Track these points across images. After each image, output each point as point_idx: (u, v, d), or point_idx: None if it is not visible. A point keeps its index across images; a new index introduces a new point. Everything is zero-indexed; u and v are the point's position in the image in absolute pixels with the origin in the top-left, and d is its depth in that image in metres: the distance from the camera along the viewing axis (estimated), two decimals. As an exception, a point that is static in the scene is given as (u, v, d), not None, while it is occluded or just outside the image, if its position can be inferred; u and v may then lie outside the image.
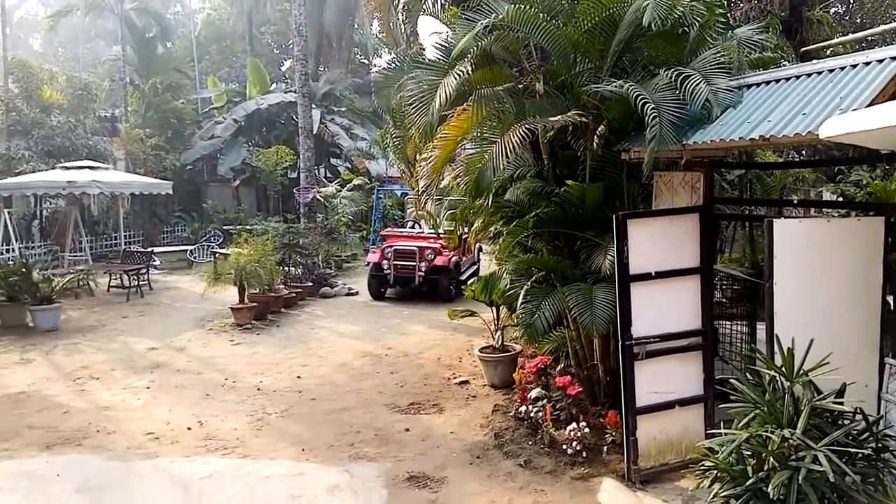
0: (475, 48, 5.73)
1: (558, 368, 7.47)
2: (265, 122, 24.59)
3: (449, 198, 8.65)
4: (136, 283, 14.20)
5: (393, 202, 22.14)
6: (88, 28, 30.84)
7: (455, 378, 8.43)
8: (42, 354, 9.60)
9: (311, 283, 14.48)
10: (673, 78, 5.39)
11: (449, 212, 8.59)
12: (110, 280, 14.57)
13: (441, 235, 10.35)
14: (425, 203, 8.01)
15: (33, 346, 9.98)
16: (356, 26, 29.48)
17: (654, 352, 5.48)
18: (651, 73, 5.88)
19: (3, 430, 6.69)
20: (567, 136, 6.33)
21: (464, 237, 11.03)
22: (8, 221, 15.87)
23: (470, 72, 5.73)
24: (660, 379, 5.54)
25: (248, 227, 16.96)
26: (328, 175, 24.75)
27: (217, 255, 15.43)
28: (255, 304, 11.67)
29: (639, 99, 5.17)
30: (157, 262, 17.09)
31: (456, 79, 5.56)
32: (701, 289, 5.66)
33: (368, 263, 14.60)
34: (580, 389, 6.46)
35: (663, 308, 5.56)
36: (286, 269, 14.06)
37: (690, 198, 5.89)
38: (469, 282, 9.75)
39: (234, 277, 11.46)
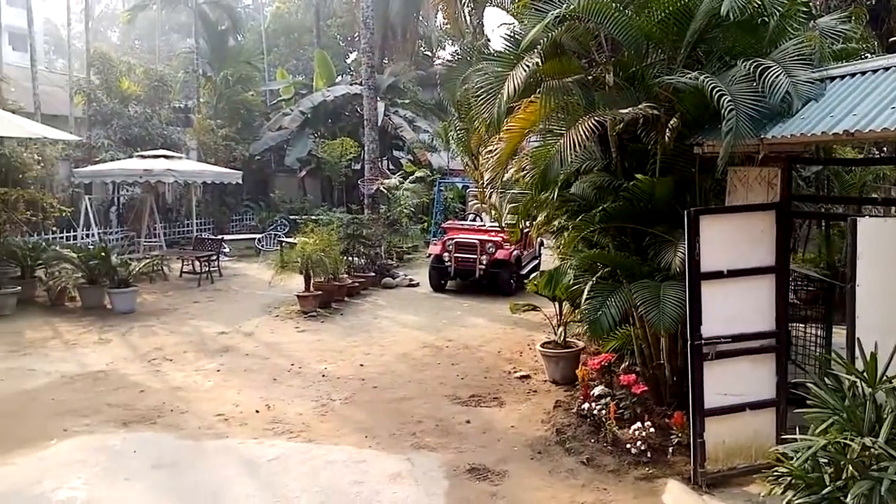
0: (545, 39, 5.66)
1: (622, 366, 7.35)
2: (331, 114, 25.01)
3: (512, 191, 8.61)
4: (207, 269, 14.71)
5: (454, 195, 22.20)
6: (164, 21, 31.91)
7: (516, 372, 8.41)
8: (119, 335, 10.06)
9: (373, 274, 14.68)
10: (751, 69, 5.21)
11: (511, 205, 8.55)
12: (183, 266, 15.14)
13: (503, 229, 10.30)
14: (490, 196, 7.99)
15: (111, 328, 10.46)
16: (421, 18, 29.58)
17: (725, 352, 5.33)
18: (727, 65, 5.70)
19: (84, 406, 7.06)
20: (637, 129, 6.19)
21: (525, 231, 10.95)
22: (89, 207, 16.66)
23: (539, 63, 5.67)
24: (729, 381, 5.38)
25: (313, 216, 17.33)
26: (391, 167, 25.00)
27: (283, 243, 15.84)
28: (319, 292, 11.92)
29: (715, 91, 5.01)
30: (227, 250, 17.63)
31: (525, 70, 5.52)
32: (775, 289, 5.46)
33: (429, 255, 14.70)
34: (645, 388, 6.35)
35: (735, 308, 5.40)
36: (350, 258, 14.29)
37: (766, 194, 5.68)
38: (531, 276, 9.67)
39: (300, 266, 11.72)
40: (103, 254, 11.86)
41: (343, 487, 5.30)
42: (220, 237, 17.47)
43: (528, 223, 8.93)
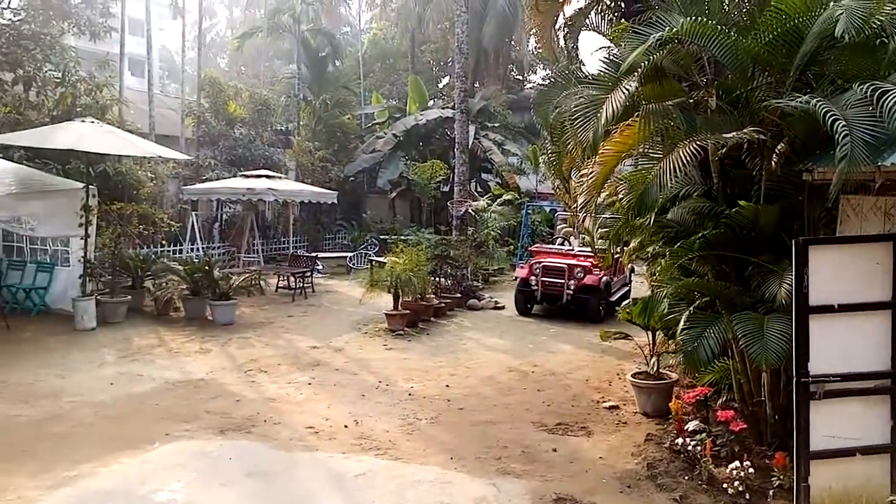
0: (645, 62, 5.57)
1: (719, 402, 7.03)
2: (422, 137, 25.52)
3: (603, 216, 8.46)
4: (301, 285, 15.23)
5: (542, 218, 22.04)
6: (268, 48, 33.68)
7: (604, 402, 8.19)
8: (218, 345, 10.54)
9: (459, 295, 14.75)
10: (867, 93, 4.92)
11: (602, 230, 8.40)
12: (278, 281, 15.75)
13: (594, 254, 10.13)
14: (583, 220, 7.89)
15: (211, 338, 10.98)
16: (513, 43, 29.83)
17: (834, 392, 5.01)
18: (839, 88, 5.42)
19: (185, 412, 7.42)
20: (741, 154, 5.97)
21: (616, 257, 10.72)
22: (195, 223, 17.65)
23: (638, 86, 5.58)
24: (838, 422, 5.05)
25: (402, 237, 17.65)
26: (479, 189, 25.16)
27: (374, 262, 16.19)
28: (407, 311, 12.09)
29: (827, 115, 4.76)
30: (320, 267, 18.18)
31: (624, 93, 5.45)
32: (892, 326, 5.09)
33: (516, 278, 14.62)
34: (744, 426, 6.03)
35: (846, 345, 5.08)
36: (437, 279, 14.43)
37: (883, 224, 5.34)
38: (623, 304, 9.44)
39: (389, 285, 11.93)
40: (207, 267, 12.50)
41: (428, 508, 5.30)
42: (314, 254, 18.07)
43: (619, 249, 8.75)
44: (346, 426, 7.07)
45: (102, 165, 13.27)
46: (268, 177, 17.29)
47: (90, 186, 11.33)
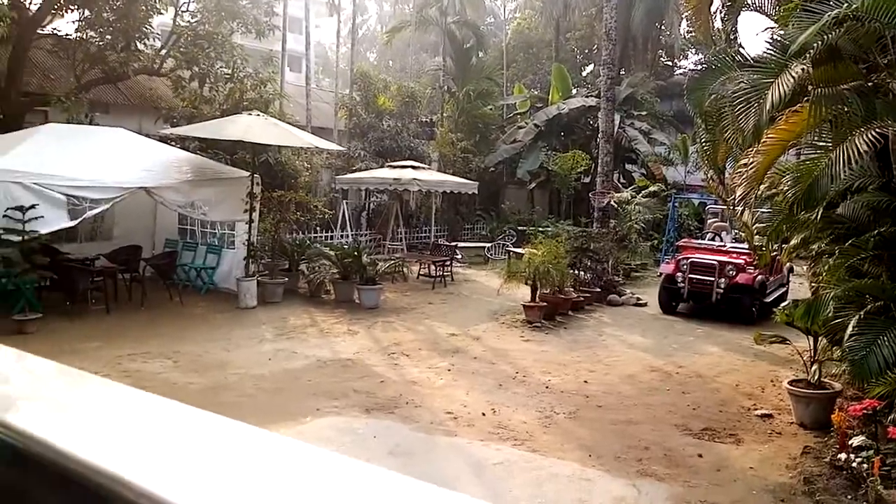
0: (818, 43, 5.12)
1: (890, 417, 6.36)
2: (564, 127, 25.13)
3: (762, 209, 7.91)
4: (441, 273, 15.59)
5: (690, 211, 21.01)
6: (415, 41, 34.59)
7: (756, 409, 7.67)
8: (364, 328, 11.05)
9: (599, 289, 14.40)
10: None
11: (759, 225, 7.85)
12: (420, 268, 16.22)
13: (750, 251, 9.49)
14: (739, 214, 7.42)
15: (358, 320, 11.54)
16: (663, 28, 28.54)
17: None
18: None
19: (334, 389, 7.86)
20: (929, 144, 5.35)
21: (774, 255, 9.97)
22: (346, 211, 18.59)
23: (808, 69, 5.15)
24: None
25: (541, 228, 17.53)
26: (622, 180, 24.38)
27: (511, 253, 16.22)
28: (545, 303, 12.00)
29: None
30: (459, 256, 18.51)
31: (792, 77, 5.05)
32: None
33: (660, 274, 14.04)
34: (923, 446, 5.42)
35: None
36: (576, 272, 14.19)
37: None
38: (781, 305, 8.78)
39: (527, 276, 11.91)
40: (356, 253, 13.13)
41: (566, 503, 5.26)
42: (453, 244, 18.42)
43: (778, 246, 8.15)
44: (483, 414, 7.16)
45: (265, 155, 14.32)
46: (413, 167, 17.79)
47: (255, 175, 12.25)
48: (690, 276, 12.73)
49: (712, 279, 12.47)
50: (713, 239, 14.36)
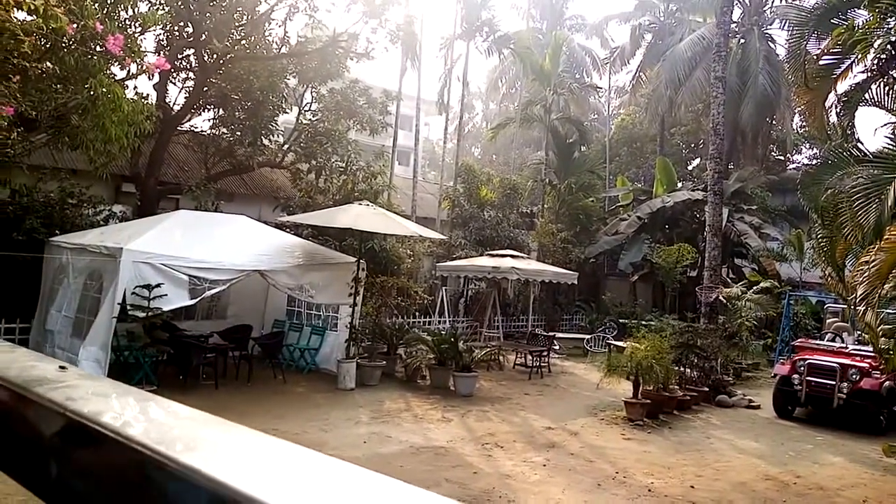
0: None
1: None
2: (668, 220, 24.71)
3: (887, 310, 7.38)
4: (538, 363, 15.32)
5: (807, 310, 19.78)
6: (518, 137, 35.60)
7: (889, 531, 6.90)
8: (459, 416, 10.95)
9: (706, 389, 13.63)
10: None
11: (885, 326, 7.29)
12: (516, 357, 16.02)
13: (874, 354, 8.79)
14: (862, 314, 6.95)
15: (452, 408, 11.45)
16: (773, 122, 27.97)
17: None
18: None
19: (426, 477, 7.76)
20: None
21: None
22: (444, 297, 18.86)
23: (934, 165, 4.92)
24: None
25: (643, 321, 16.99)
26: (731, 275, 23.44)
27: (612, 346, 15.76)
28: (648, 401, 11.48)
29: None
30: (557, 347, 18.17)
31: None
32: None
33: (775, 375, 13.16)
34: None
35: None
36: (682, 369, 13.55)
37: None
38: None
39: (628, 371, 11.49)
40: (452, 339, 13.21)
41: None
42: (551, 334, 18.14)
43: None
44: (580, 514, 6.84)
45: (371, 242, 14.95)
46: (512, 256, 17.93)
47: (361, 261, 12.76)
48: (808, 378, 11.86)
49: (833, 383, 11.55)
50: (833, 340, 13.39)
